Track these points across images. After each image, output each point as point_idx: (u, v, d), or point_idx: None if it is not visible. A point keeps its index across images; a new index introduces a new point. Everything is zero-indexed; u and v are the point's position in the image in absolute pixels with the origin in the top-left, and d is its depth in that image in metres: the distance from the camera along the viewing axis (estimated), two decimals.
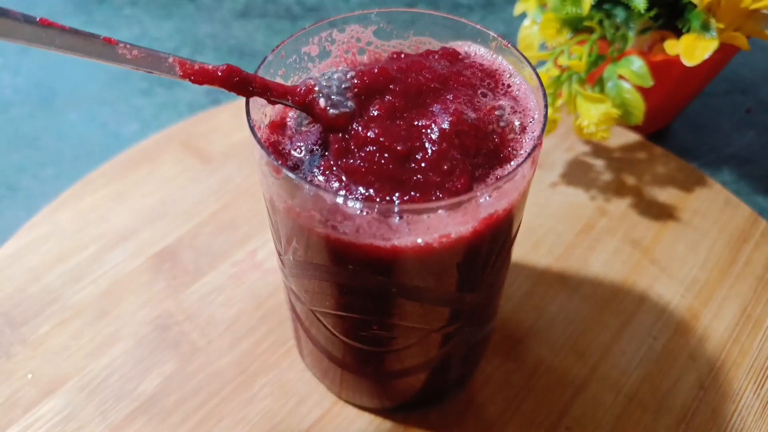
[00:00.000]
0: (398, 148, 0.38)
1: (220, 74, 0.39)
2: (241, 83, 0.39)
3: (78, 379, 0.59)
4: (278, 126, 0.44)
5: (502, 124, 0.42)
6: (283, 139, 0.43)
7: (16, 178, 0.80)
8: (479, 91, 0.43)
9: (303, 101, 0.40)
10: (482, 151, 0.40)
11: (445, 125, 0.39)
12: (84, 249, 0.69)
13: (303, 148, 0.42)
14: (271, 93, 0.40)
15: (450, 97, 0.42)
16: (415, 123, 0.40)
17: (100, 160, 0.79)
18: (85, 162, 0.82)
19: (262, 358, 0.61)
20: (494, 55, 0.46)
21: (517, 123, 0.42)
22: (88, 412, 0.57)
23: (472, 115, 0.41)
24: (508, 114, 0.43)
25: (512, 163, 0.40)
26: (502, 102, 0.43)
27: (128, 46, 0.37)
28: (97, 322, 0.63)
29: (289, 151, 0.42)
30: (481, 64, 0.46)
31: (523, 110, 0.43)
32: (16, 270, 0.67)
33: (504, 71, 0.46)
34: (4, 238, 0.71)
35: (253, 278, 0.67)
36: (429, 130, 0.39)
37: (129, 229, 0.71)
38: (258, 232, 0.71)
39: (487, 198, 0.37)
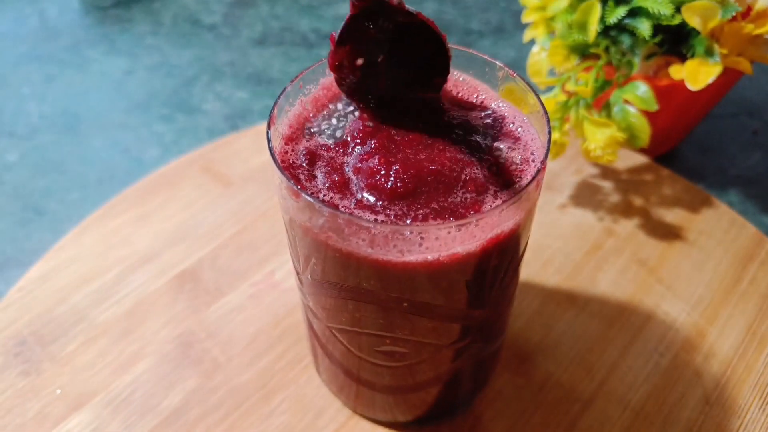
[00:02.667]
0: (410, 171, 0.41)
1: None
2: None
3: (104, 394, 0.62)
4: (292, 139, 0.46)
5: (501, 160, 0.44)
6: (297, 154, 0.45)
7: (43, 202, 0.83)
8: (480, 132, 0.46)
9: None
10: (489, 176, 0.43)
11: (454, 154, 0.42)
12: (108, 271, 0.72)
13: (319, 161, 0.44)
14: None
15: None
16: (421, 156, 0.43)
17: (122, 184, 0.81)
18: (109, 186, 0.84)
19: (280, 375, 0.63)
20: (496, 102, 0.49)
21: (518, 157, 0.44)
22: (113, 427, 0.59)
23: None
24: (507, 149, 0.45)
25: (519, 184, 0.43)
26: (501, 144, 0.46)
27: None
28: (122, 340, 0.66)
29: (304, 165, 0.44)
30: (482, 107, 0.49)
31: (525, 142, 0.46)
32: (44, 291, 0.70)
33: (504, 115, 0.48)
34: (32, 260, 0.73)
35: (271, 298, 0.69)
36: (439, 156, 0.42)
37: (151, 251, 0.73)
38: (276, 253, 0.73)
39: (496, 216, 0.39)
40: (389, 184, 0.41)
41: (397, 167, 0.41)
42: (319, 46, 1.09)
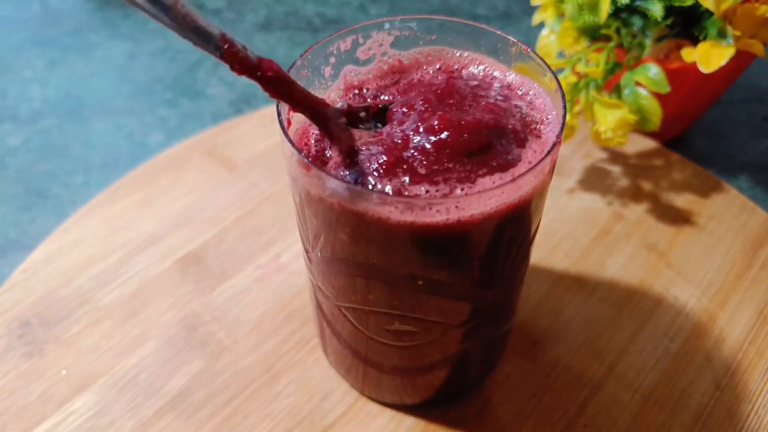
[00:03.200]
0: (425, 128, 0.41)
1: (259, 75, 0.39)
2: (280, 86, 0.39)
3: (109, 376, 0.61)
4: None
5: (522, 114, 0.44)
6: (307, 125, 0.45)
7: (46, 186, 0.83)
8: (497, 98, 0.45)
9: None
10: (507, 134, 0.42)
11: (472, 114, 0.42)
12: (112, 253, 0.71)
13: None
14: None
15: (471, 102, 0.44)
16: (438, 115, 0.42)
17: (126, 169, 0.81)
18: (113, 170, 0.84)
19: (286, 357, 0.62)
20: (509, 74, 0.48)
21: (537, 116, 0.44)
22: (118, 408, 0.59)
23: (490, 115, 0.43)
24: (526, 109, 0.44)
25: (531, 159, 0.42)
26: (519, 102, 0.45)
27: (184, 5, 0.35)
28: (127, 322, 0.65)
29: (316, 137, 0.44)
30: (497, 78, 0.48)
31: (541, 111, 0.45)
32: (48, 273, 0.69)
33: (519, 84, 0.47)
34: (35, 243, 0.73)
35: (277, 281, 0.68)
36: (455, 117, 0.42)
37: (156, 235, 0.73)
38: (282, 236, 0.72)
39: (509, 189, 0.39)
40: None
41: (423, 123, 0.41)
42: (324, 30, 1.08)
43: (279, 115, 0.41)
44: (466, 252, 0.42)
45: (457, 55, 0.50)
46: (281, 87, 0.39)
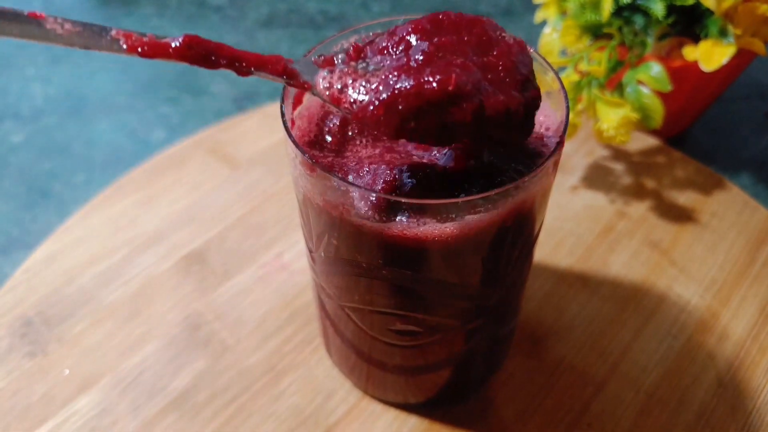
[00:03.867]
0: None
1: (175, 46, 0.36)
2: (203, 55, 0.36)
3: (112, 376, 0.61)
4: (305, 114, 0.45)
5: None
6: (310, 126, 0.44)
7: (48, 184, 0.83)
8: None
9: (282, 71, 0.38)
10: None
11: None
12: (116, 252, 0.71)
13: (330, 134, 0.43)
14: (242, 63, 0.37)
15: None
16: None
17: (129, 166, 0.81)
18: (115, 168, 0.84)
19: (290, 356, 0.62)
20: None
21: (539, 116, 0.44)
22: (122, 408, 0.59)
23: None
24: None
25: (537, 158, 0.42)
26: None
27: (60, 20, 0.34)
28: (130, 321, 0.65)
29: (317, 138, 0.43)
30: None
31: (544, 110, 0.45)
32: (51, 272, 0.69)
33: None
34: (37, 241, 0.73)
35: (280, 280, 0.68)
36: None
37: (159, 233, 0.73)
38: (284, 235, 0.72)
39: (513, 191, 0.38)
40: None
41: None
42: (326, 27, 1.08)
43: (283, 116, 0.41)
44: (469, 253, 0.42)
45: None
46: (201, 50, 0.37)
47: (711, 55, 0.66)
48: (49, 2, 1.13)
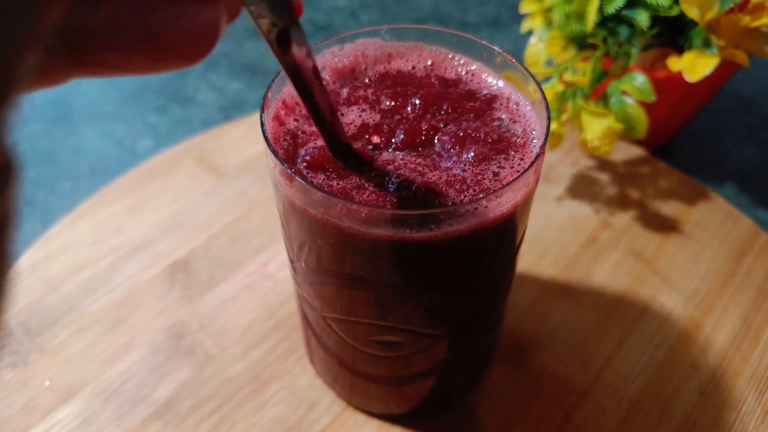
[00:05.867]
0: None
1: None
2: None
3: (95, 385, 0.61)
4: (286, 122, 0.45)
5: (502, 129, 0.44)
6: (290, 136, 0.44)
7: (33, 192, 0.82)
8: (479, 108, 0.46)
9: None
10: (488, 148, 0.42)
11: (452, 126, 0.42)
12: (100, 260, 0.71)
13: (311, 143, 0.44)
14: None
15: (449, 109, 0.44)
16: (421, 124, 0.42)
17: (115, 175, 0.81)
18: (101, 177, 0.83)
19: (274, 366, 0.62)
20: (495, 80, 0.48)
21: (519, 129, 0.44)
22: (104, 417, 0.59)
23: (475, 123, 0.43)
24: (508, 122, 0.45)
25: (517, 168, 0.42)
26: (502, 115, 0.45)
27: None
28: (114, 330, 0.65)
29: (295, 147, 0.44)
30: (480, 84, 0.48)
31: (525, 121, 0.45)
32: (33, 281, 0.69)
33: (504, 93, 0.48)
34: (21, 250, 0.72)
35: (265, 288, 0.68)
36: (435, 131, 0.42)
37: (144, 241, 0.73)
38: (270, 243, 0.72)
39: (494, 199, 0.39)
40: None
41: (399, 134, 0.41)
42: (314, 37, 1.08)
43: (262, 125, 0.41)
44: (451, 264, 0.42)
45: (450, 57, 0.50)
46: None
47: (695, 66, 0.67)
48: None
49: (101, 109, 0.95)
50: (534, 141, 0.44)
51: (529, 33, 0.79)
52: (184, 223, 0.74)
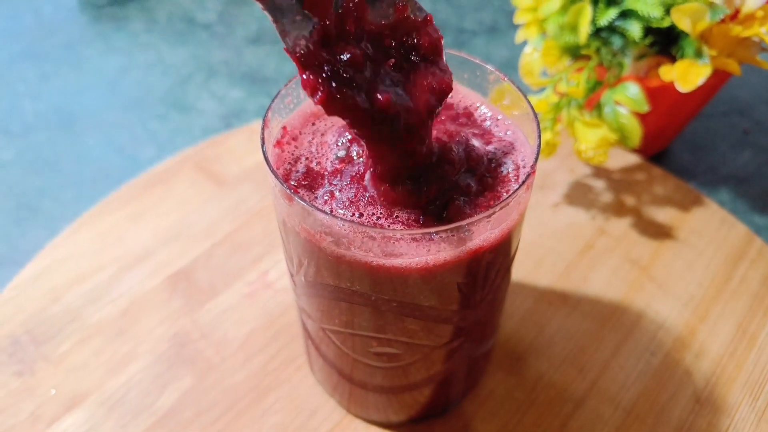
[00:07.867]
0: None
1: None
2: None
3: (98, 394, 0.62)
4: (287, 142, 0.46)
5: (493, 165, 0.45)
6: (291, 156, 0.45)
7: (37, 200, 0.84)
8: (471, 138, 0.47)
9: None
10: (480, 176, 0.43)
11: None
12: (103, 270, 0.72)
13: (312, 166, 0.44)
14: None
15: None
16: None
17: (117, 182, 0.82)
18: (104, 185, 0.84)
19: (274, 374, 0.63)
20: (480, 106, 0.49)
21: (510, 163, 0.45)
22: (108, 426, 0.60)
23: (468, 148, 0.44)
24: (500, 155, 0.45)
25: (509, 189, 0.43)
26: (492, 148, 0.46)
27: None
28: (116, 339, 0.66)
29: (297, 169, 0.44)
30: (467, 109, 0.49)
31: (515, 147, 0.46)
32: (38, 290, 0.70)
33: (492, 116, 0.48)
34: (26, 258, 0.73)
35: (265, 297, 0.69)
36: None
37: (146, 250, 0.74)
38: (270, 252, 0.73)
39: (485, 223, 0.40)
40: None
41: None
42: None
43: (263, 144, 0.42)
44: (446, 278, 0.43)
45: None
46: None
47: (687, 75, 0.67)
48: (40, 18, 1.14)
49: (103, 117, 0.96)
50: (525, 160, 0.45)
51: (525, 42, 0.80)
52: (184, 232, 0.75)
